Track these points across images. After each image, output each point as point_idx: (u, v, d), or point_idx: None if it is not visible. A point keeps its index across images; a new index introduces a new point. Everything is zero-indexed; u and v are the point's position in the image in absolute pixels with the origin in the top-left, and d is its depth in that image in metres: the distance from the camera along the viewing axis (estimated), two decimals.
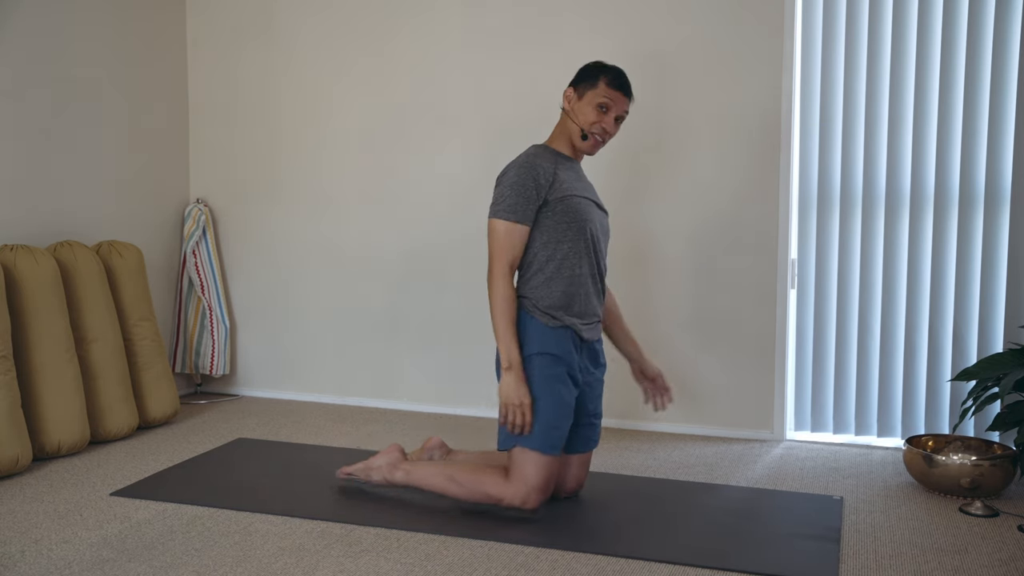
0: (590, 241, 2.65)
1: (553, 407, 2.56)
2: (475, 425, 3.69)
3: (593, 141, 2.68)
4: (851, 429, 3.45)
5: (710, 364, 3.56)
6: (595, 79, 2.67)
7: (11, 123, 3.36)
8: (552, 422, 2.56)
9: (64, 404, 3.17)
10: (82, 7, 3.63)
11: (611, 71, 2.69)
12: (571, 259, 2.61)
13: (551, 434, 2.56)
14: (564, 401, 2.59)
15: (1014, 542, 2.45)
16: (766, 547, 2.42)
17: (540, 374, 2.57)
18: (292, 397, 4.15)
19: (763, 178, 3.44)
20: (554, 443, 2.57)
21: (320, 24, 3.98)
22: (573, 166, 2.71)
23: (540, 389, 2.56)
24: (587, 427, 2.74)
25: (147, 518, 2.60)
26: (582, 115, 2.66)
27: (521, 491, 2.55)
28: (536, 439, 2.55)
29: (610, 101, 2.66)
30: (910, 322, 3.36)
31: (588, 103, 2.66)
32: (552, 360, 2.58)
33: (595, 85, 2.67)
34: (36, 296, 3.15)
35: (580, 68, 2.74)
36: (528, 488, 2.55)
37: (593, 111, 2.66)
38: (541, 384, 2.57)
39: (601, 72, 2.68)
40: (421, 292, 3.92)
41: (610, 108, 2.66)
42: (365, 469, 2.81)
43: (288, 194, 4.10)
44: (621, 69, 2.71)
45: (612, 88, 2.66)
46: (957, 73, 3.24)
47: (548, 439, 2.55)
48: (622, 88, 2.68)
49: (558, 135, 2.74)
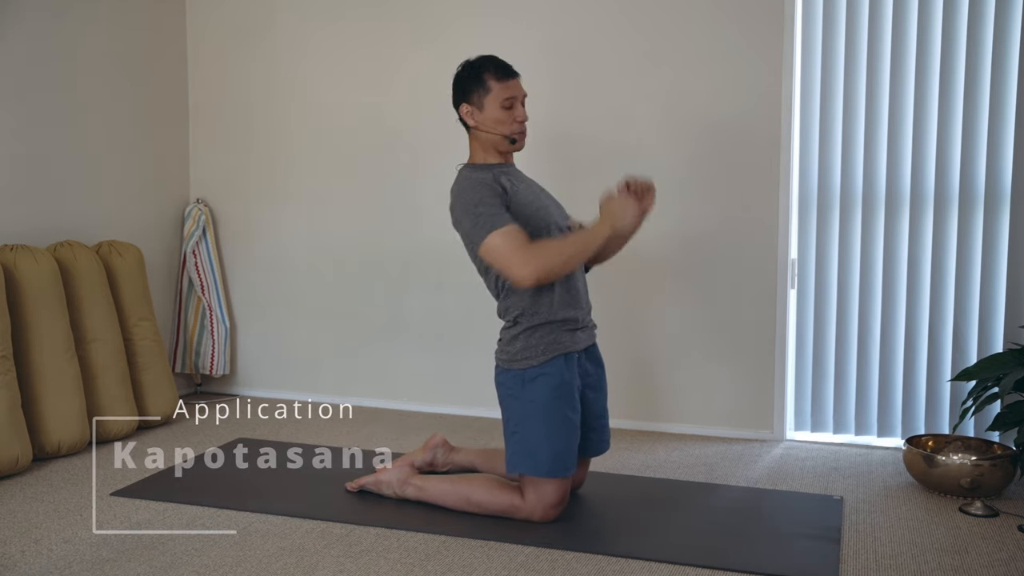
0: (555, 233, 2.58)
1: (559, 432, 2.51)
2: (475, 425, 3.69)
3: (521, 138, 2.58)
4: (851, 429, 3.45)
5: (710, 364, 3.56)
6: (481, 81, 2.53)
7: (11, 123, 3.36)
8: (560, 447, 2.51)
9: (64, 404, 3.17)
10: (82, 7, 3.63)
11: (488, 63, 2.54)
12: None
13: (560, 459, 2.52)
14: (571, 421, 2.54)
15: (1014, 542, 2.45)
16: (766, 547, 2.42)
17: (543, 398, 2.51)
18: (292, 397, 4.15)
19: (763, 178, 3.44)
20: (566, 466, 2.53)
21: (320, 24, 3.98)
22: (509, 170, 2.62)
23: (545, 415, 2.51)
24: (596, 430, 2.71)
25: (147, 518, 2.60)
26: (495, 122, 2.54)
27: (539, 509, 2.53)
28: (544, 466, 2.50)
29: (510, 92, 2.54)
30: (910, 322, 3.35)
31: (492, 108, 2.53)
32: (556, 383, 2.52)
33: (486, 87, 2.53)
34: (36, 296, 3.15)
35: (456, 78, 2.59)
36: (545, 506, 2.53)
37: (503, 113, 2.53)
38: (545, 409, 2.51)
39: (481, 70, 2.54)
40: (421, 292, 3.92)
41: (514, 100, 2.55)
42: (375, 483, 2.78)
43: (288, 194, 4.10)
44: (489, 55, 2.57)
45: (503, 79, 2.53)
46: (957, 73, 3.24)
47: (558, 464, 2.51)
48: (509, 73, 2.55)
49: (478, 151, 2.62)
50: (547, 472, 2.50)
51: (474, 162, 2.65)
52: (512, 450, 2.55)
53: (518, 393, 2.54)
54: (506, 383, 2.57)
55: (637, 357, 3.64)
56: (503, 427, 2.60)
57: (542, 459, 2.50)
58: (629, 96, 3.57)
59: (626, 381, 3.61)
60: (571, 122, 3.59)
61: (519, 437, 2.53)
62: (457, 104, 2.62)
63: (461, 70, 2.61)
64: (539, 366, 2.52)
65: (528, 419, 2.51)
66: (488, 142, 2.60)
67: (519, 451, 2.52)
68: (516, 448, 2.53)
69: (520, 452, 2.52)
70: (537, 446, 2.50)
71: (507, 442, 2.57)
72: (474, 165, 2.62)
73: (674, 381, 3.61)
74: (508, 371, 2.56)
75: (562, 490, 2.55)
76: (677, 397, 3.61)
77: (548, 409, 2.51)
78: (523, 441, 2.52)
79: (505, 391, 2.58)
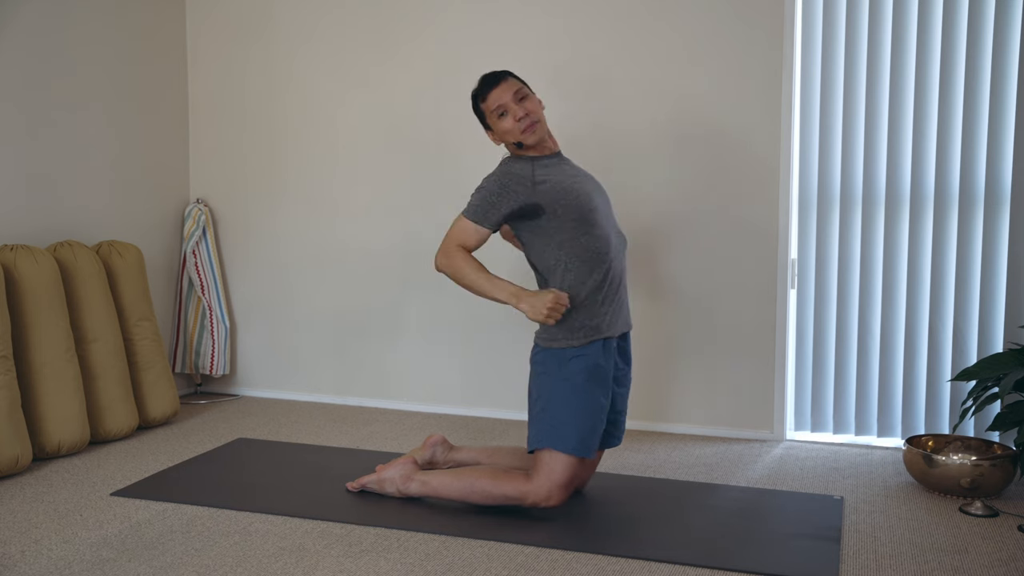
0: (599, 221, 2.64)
1: (590, 412, 2.58)
2: (475, 425, 3.69)
3: (527, 133, 2.62)
4: (851, 429, 3.45)
5: (710, 364, 3.56)
6: (478, 108, 2.71)
7: (11, 123, 3.36)
8: (587, 428, 2.57)
9: (64, 404, 3.17)
10: (82, 7, 3.63)
11: (476, 89, 2.70)
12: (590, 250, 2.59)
13: (587, 438, 2.57)
14: (601, 405, 2.61)
15: (1014, 542, 2.45)
16: (766, 547, 2.42)
17: (578, 378, 2.57)
18: (292, 397, 4.15)
19: (763, 178, 3.44)
20: (590, 446, 2.59)
21: (320, 23, 3.98)
22: (549, 161, 2.66)
23: (578, 394, 2.56)
24: (614, 424, 2.77)
25: (147, 518, 2.60)
26: (504, 134, 2.66)
27: (545, 487, 2.55)
28: (571, 442, 2.55)
29: (496, 103, 2.64)
30: (910, 322, 3.36)
31: (495, 124, 2.67)
32: (591, 364, 2.58)
33: (481, 110, 2.70)
34: (36, 296, 3.15)
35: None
36: (552, 484, 2.55)
37: (502, 123, 2.65)
38: (580, 389, 2.57)
39: (476, 99, 2.71)
40: (421, 292, 3.92)
41: (503, 107, 2.63)
42: (378, 482, 2.78)
43: (288, 194, 4.10)
44: (480, 77, 2.71)
45: (486, 95, 2.66)
46: (957, 73, 3.24)
47: (584, 443, 2.57)
48: (489, 85, 2.68)
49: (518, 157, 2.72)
50: (573, 449, 2.54)
51: (514, 154, 2.72)
52: (538, 427, 2.59)
53: (554, 371, 2.59)
54: (544, 361, 2.63)
55: (637, 357, 3.62)
56: (529, 405, 2.64)
57: (569, 436, 2.54)
58: (629, 96, 3.57)
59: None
60: (571, 122, 3.59)
61: (549, 414, 2.57)
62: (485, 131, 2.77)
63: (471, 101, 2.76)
64: (578, 347, 2.58)
65: (560, 396, 2.57)
66: (518, 151, 2.70)
67: (546, 427, 2.57)
68: (543, 424, 2.57)
69: (547, 428, 2.56)
70: (566, 424, 2.55)
71: (534, 420, 2.61)
72: (515, 157, 2.69)
73: (674, 381, 3.61)
74: (547, 350, 2.62)
75: (573, 472, 2.58)
76: (677, 397, 3.61)
77: (582, 390, 2.57)
78: (552, 418, 2.56)
79: (540, 368, 2.63)
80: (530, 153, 2.66)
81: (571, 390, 2.57)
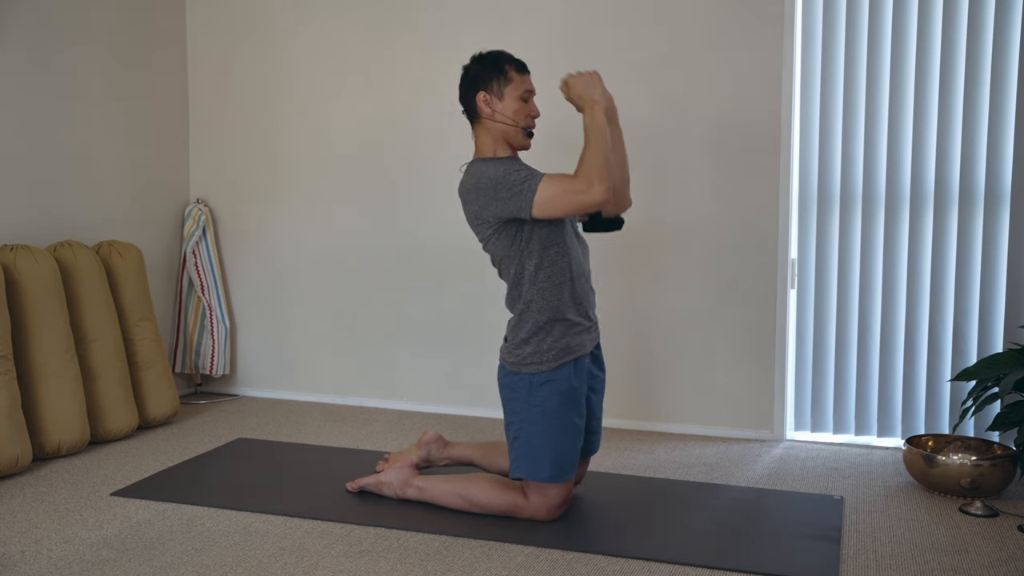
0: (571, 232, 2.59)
1: (562, 438, 2.51)
2: (475, 425, 3.69)
3: (532, 129, 2.58)
4: (851, 429, 3.45)
5: (710, 364, 3.56)
6: (502, 72, 2.53)
7: (11, 123, 3.36)
8: (562, 453, 2.51)
9: (64, 404, 3.17)
10: (82, 7, 3.63)
11: (506, 55, 2.56)
12: (560, 258, 2.52)
13: (561, 465, 2.52)
14: (576, 427, 2.55)
15: (1014, 542, 2.45)
16: (766, 547, 2.42)
17: (550, 404, 2.50)
18: (292, 397, 4.15)
19: (763, 178, 3.44)
20: (566, 470, 2.53)
21: (320, 24, 3.98)
22: (519, 164, 2.56)
23: (550, 421, 2.50)
24: (594, 432, 2.72)
25: (147, 518, 2.60)
26: (511, 112, 2.52)
27: (542, 510, 2.54)
28: (545, 472, 2.50)
29: (528, 86, 2.57)
30: (910, 322, 3.35)
31: (511, 98, 2.53)
32: (563, 388, 2.52)
33: (507, 77, 2.53)
34: (36, 296, 3.15)
35: (472, 68, 2.58)
36: (549, 507, 2.54)
37: (520, 104, 2.53)
38: (552, 415, 2.50)
39: (503, 62, 2.54)
40: (421, 292, 3.92)
41: (530, 94, 2.57)
42: (376, 484, 2.77)
43: (288, 194, 4.10)
44: (503, 51, 2.59)
45: (522, 72, 2.56)
46: (957, 73, 3.24)
47: (561, 468, 2.52)
48: (526, 68, 2.59)
49: (488, 144, 2.57)
50: (548, 478, 2.51)
51: (484, 156, 2.59)
52: (515, 455, 2.54)
53: (524, 397, 2.53)
54: (512, 385, 2.56)
55: (637, 357, 3.64)
56: (505, 428, 2.60)
57: (544, 465, 2.50)
58: (630, 96, 3.57)
59: (626, 381, 3.62)
60: (571, 122, 3.59)
61: (522, 442, 2.52)
62: (472, 93, 2.57)
63: (479, 59, 2.59)
64: (548, 372, 2.51)
65: (532, 424, 2.51)
66: (501, 133, 2.56)
67: (522, 456, 2.52)
68: (519, 452, 2.53)
69: (522, 457, 2.52)
70: (540, 452, 2.50)
71: (510, 445, 2.57)
72: (485, 159, 2.55)
73: (674, 381, 3.61)
74: (515, 375, 2.55)
75: (565, 490, 2.56)
76: (677, 397, 3.61)
77: (554, 415, 2.50)
78: (526, 446, 2.51)
79: (511, 393, 2.57)
80: (508, 154, 2.58)
81: (542, 417, 2.50)
